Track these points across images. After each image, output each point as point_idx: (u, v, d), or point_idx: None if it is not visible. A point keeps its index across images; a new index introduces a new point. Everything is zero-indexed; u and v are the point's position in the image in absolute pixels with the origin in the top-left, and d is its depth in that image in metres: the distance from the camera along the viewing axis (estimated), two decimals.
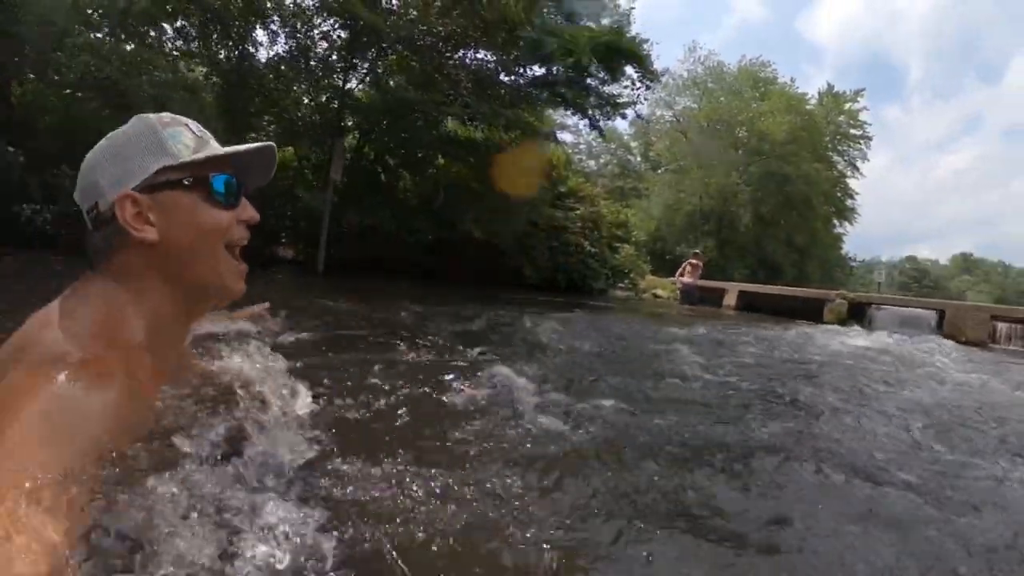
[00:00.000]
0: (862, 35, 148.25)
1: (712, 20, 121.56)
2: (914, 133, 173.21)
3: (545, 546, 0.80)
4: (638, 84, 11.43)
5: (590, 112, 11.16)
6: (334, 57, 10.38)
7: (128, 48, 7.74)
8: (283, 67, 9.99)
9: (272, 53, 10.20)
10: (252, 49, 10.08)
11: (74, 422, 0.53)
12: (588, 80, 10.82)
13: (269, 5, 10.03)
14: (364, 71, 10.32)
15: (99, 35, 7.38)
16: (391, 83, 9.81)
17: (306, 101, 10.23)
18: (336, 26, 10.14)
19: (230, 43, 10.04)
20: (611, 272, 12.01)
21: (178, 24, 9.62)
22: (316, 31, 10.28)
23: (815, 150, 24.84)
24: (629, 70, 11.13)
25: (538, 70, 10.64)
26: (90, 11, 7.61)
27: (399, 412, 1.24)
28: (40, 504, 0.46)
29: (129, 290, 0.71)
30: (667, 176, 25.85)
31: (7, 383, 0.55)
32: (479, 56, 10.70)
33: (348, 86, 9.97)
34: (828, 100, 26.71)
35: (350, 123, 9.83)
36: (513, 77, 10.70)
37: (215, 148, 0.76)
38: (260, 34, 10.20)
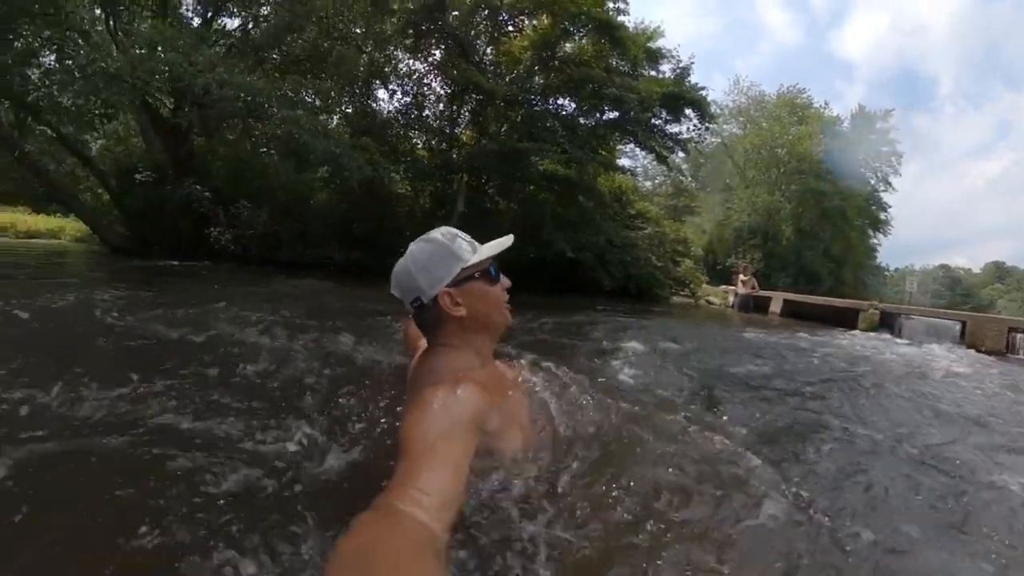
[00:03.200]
0: (890, 50, 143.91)
1: (749, 46, 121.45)
2: (947, 141, 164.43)
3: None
4: (697, 124, 12.66)
5: (656, 148, 12.31)
6: (441, 107, 11.89)
7: (319, 118, 9.13)
8: (400, 119, 11.54)
9: (391, 107, 11.88)
10: (374, 105, 11.74)
11: (454, 405, 0.83)
12: (654, 121, 12.06)
13: (387, 69, 11.66)
14: (467, 118, 11.73)
15: (298, 111, 8.67)
16: (492, 129, 11.10)
17: (420, 145, 11.65)
18: (444, 84, 11.67)
19: (356, 98, 11.67)
20: (674, 282, 12.93)
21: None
22: (427, 89, 11.88)
23: (849, 168, 25.27)
24: (689, 112, 12.33)
25: (612, 114, 11.92)
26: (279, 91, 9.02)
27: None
28: (443, 443, 0.74)
29: (458, 344, 1.02)
30: (716, 195, 27.44)
31: (422, 395, 0.86)
32: (562, 102, 12.07)
33: (456, 130, 11.40)
34: (860, 121, 27.08)
35: (458, 160, 11.15)
36: (592, 122, 12.00)
37: (483, 248, 1.05)
38: (381, 93, 11.92)
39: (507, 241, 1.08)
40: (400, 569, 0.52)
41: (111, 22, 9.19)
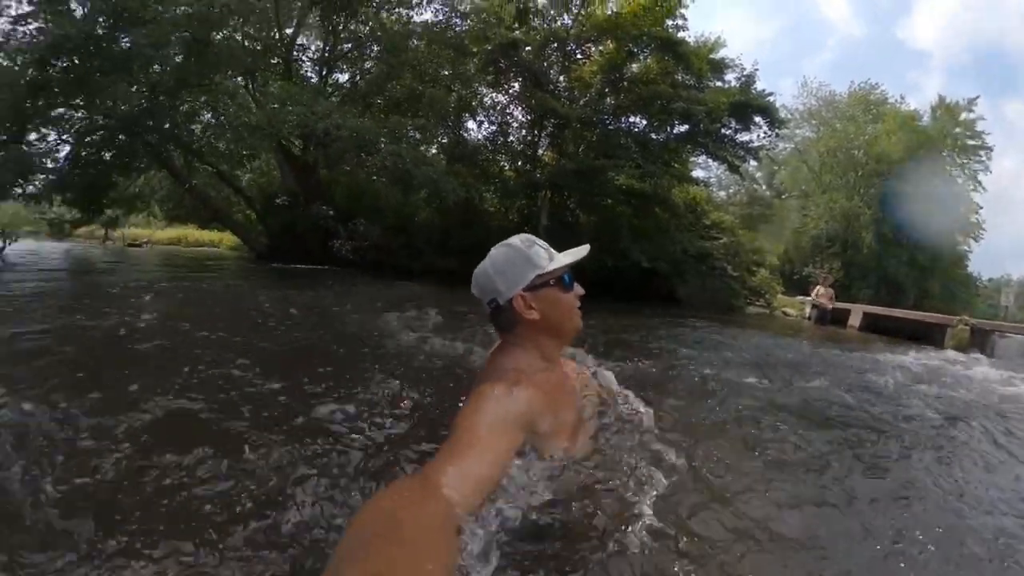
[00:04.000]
0: (966, 32, 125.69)
1: (813, 46, 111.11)
2: None
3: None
4: (768, 131, 12.25)
5: (728, 158, 12.06)
6: (523, 132, 12.53)
7: (420, 149, 10.21)
8: (488, 145, 12.33)
9: (480, 135, 12.75)
10: (466, 134, 12.65)
11: (508, 402, 0.85)
12: (724, 131, 11.84)
13: (474, 103, 12.53)
14: (547, 141, 12.26)
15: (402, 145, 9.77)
16: (570, 149, 11.52)
17: (507, 167, 12.35)
18: (524, 112, 12.31)
19: (449, 130, 12.63)
20: (749, 292, 12.45)
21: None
22: (510, 117, 12.59)
23: (933, 166, 22.56)
24: (759, 119, 11.99)
25: (682, 127, 11.89)
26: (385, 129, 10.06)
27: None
28: (489, 435, 0.77)
29: (526, 345, 1.03)
30: (792, 202, 25.48)
31: (483, 388, 0.89)
32: (633, 120, 12.22)
33: (538, 152, 11.97)
34: (941, 113, 24.03)
35: (541, 179, 11.67)
36: (664, 136, 12.02)
37: (559, 257, 1.05)
38: (471, 124, 12.86)
39: (583, 251, 1.09)
40: (419, 538, 0.53)
41: (250, 86, 10.75)
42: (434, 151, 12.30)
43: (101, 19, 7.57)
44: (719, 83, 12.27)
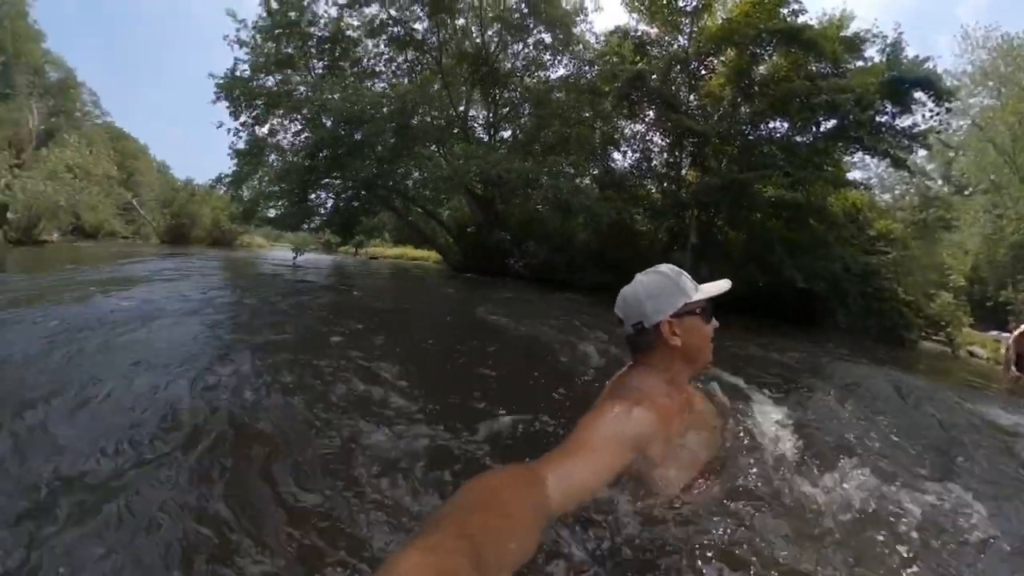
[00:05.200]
0: None
1: None
2: None
3: None
4: (934, 108, 9.56)
5: (890, 151, 9.73)
6: (664, 156, 12.82)
7: (575, 181, 12.00)
8: (634, 171, 13.01)
9: (625, 164, 13.47)
10: (612, 164, 13.53)
11: (625, 419, 0.86)
12: (879, 118, 9.62)
13: (616, 136, 13.27)
14: (689, 160, 12.29)
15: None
16: (712, 165, 11.30)
17: (653, 190, 12.85)
18: (662, 136, 12.59)
19: (598, 163, 13.63)
20: (925, 322, 9.91)
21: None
22: (650, 143, 13.03)
23: None
24: (919, 95, 9.48)
25: (829, 123, 10.15)
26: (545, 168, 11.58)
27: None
28: (600, 448, 0.79)
29: (659, 368, 1.02)
30: (979, 199, 18.24)
31: (604, 403, 0.92)
32: (773, 125, 11.10)
33: (681, 172, 12.20)
34: None
35: (687, 198, 11.73)
36: (809, 137, 10.56)
37: (703, 288, 1.06)
38: (616, 154, 13.66)
39: (725, 285, 1.09)
40: (514, 517, 0.56)
41: (441, 150, 13.54)
42: (587, 182, 13.34)
43: (341, 124, 11.18)
44: (860, 63, 10.20)
